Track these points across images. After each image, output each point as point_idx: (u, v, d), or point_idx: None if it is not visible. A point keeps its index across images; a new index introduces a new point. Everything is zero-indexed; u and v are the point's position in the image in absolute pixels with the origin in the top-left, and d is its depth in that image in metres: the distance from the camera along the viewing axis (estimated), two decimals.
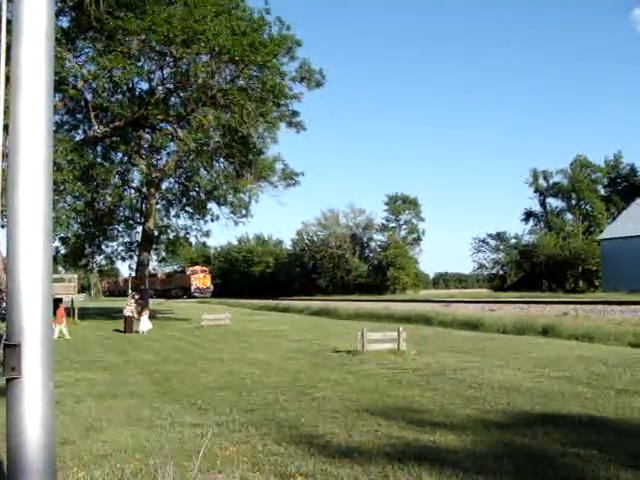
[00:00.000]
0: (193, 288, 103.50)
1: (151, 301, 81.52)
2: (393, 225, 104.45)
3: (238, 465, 7.60)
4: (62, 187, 34.38)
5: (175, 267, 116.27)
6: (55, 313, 29.07)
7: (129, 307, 33.89)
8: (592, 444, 8.14)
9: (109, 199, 45.53)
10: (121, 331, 32.96)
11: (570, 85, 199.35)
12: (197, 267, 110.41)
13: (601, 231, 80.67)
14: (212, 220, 47.60)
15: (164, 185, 48.39)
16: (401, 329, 20.30)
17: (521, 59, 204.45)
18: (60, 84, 33.63)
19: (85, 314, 45.56)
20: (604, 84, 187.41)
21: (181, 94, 40.65)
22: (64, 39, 33.77)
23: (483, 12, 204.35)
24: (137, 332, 32.10)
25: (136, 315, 34.00)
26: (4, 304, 2.66)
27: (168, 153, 46.08)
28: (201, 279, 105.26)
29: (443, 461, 7.52)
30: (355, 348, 19.88)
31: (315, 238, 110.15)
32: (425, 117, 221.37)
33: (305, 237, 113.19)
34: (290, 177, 44.29)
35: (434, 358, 18.39)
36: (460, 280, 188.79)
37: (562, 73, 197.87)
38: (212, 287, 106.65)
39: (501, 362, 17.03)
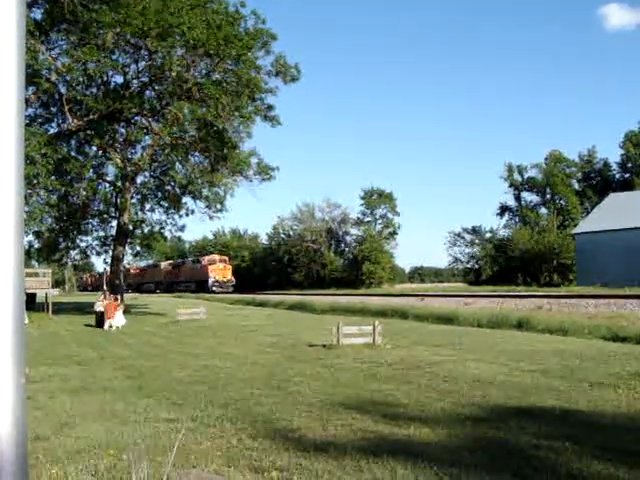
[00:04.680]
0: (211, 281, 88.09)
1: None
2: (369, 219, 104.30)
3: (212, 460, 7.59)
4: (35, 181, 34.07)
5: (190, 257, 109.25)
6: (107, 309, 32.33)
7: (100, 302, 33.70)
8: (565, 437, 8.21)
9: (83, 193, 45.17)
10: (93, 326, 32.73)
11: (544, 80, 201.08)
12: (215, 256, 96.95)
13: (575, 225, 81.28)
14: (187, 214, 47.42)
15: (139, 179, 48.06)
16: (376, 323, 20.35)
17: (495, 54, 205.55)
18: (33, 77, 33.26)
19: (59, 309, 45.25)
20: (577, 79, 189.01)
21: (156, 87, 40.38)
22: (37, 31, 33.43)
23: (458, 9, 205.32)
24: (111, 327, 31.86)
25: (103, 309, 33.69)
26: None
27: (143, 147, 45.86)
28: (221, 270, 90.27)
29: (417, 454, 7.56)
30: (330, 342, 19.87)
31: (291, 232, 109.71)
32: (401, 111, 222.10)
33: (281, 231, 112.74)
34: (265, 171, 44.05)
35: (409, 352, 18.45)
36: (436, 274, 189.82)
37: (536, 68, 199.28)
38: (234, 280, 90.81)
39: (476, 356, 17.12)
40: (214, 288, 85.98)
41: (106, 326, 31.41)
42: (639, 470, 6.80)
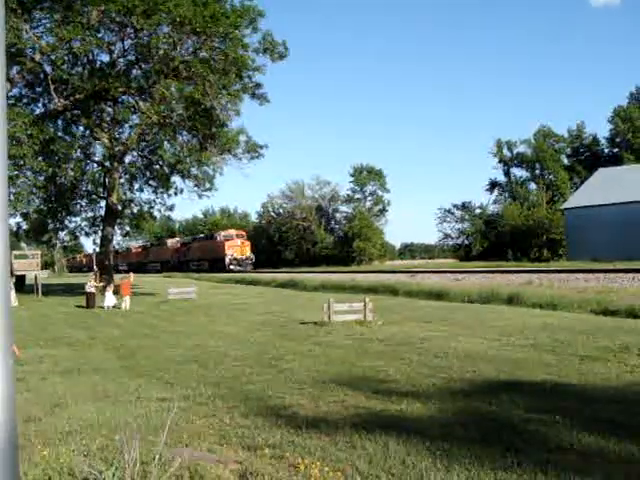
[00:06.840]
0: (228, 259, 79.63)
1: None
2: (358, 196, 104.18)
3: (205, 438, 7.60)
4: (22, 162, 33.84)
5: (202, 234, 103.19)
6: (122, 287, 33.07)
7: (90, 283, 33.73)
8: (556, 410, 8.25)
9: (71, 174, 44.85)
10: (83, 307, 32.70)
11: (532, 56, 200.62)
12: (232, 231, 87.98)
13: (565, 200, 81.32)
14: (176, 194, 47.11)
15: (127, 159, 47.63)
16: (367, 300, 20.39)
17: (483, 31, 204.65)
18: (17, 56, 32.95)
19: (49, 290, 45.15)
20: (565, 55, 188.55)
21: (143, 66, 40.03)
22: (20, 9, 32.98)
23: None
24: (101, 307, 31.87)
25: (93, 290, 33.68)
26: None
27: (131, 126, 45.53)
28: (238, 247, 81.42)
29: (410, 429, 7.58)
30: (321, 319, 19.94)
31: (281, 210, 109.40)
32: (389, 88, 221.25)
33: (271, 209, 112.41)
34: (254, 150, 43.85)
35: (400, 328, 18.51)
36: (426, 250, 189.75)
37: (523, 44, 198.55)
38: (253, 257, 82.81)
39: (467, 331, 17.19)
40: (231, 266, 78.62)
41: (123, 305, 31.80)
42: (629, 441, 6.84)
